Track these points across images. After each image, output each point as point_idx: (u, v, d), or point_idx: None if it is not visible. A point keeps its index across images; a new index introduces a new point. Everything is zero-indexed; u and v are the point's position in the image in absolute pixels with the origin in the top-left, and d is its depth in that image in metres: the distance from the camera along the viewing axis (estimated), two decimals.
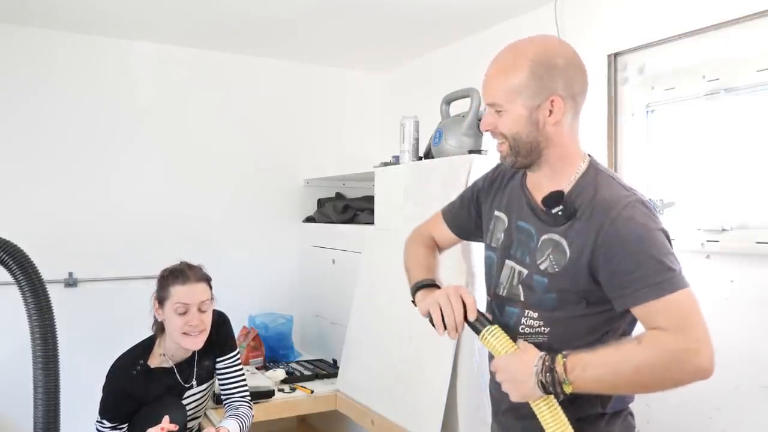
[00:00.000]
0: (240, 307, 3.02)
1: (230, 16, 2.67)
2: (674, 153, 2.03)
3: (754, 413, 1.74)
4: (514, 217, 1.37)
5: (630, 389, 1.18)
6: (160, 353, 1.95)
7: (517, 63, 1.24)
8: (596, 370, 1.13)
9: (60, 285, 2.84)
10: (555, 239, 1.25)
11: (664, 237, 1.19)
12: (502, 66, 1.27)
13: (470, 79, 2.49)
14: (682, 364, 1.10)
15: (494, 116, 1.28)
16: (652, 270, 1.13)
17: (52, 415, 0.79)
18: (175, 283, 1.89)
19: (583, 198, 1.24)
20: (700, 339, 1.10)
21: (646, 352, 1.11)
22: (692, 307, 1.13)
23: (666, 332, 1.11)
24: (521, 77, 1.22)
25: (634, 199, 1.20)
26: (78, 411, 2.05)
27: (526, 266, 1.31)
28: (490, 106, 1.28)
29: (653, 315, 1.13)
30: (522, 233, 1.33)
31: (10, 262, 0.77)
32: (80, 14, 2.65)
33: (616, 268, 1.16)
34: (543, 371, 1.15)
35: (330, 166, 3.44)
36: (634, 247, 1.15)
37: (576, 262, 1.21)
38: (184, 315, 1.86)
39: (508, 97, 1.24)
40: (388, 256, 2.41)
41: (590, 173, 1.28)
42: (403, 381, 2.12)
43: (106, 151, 2.96)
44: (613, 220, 1.17)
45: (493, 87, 1.27)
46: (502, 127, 1.27)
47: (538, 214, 1.30)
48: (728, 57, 1.84)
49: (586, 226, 1.21)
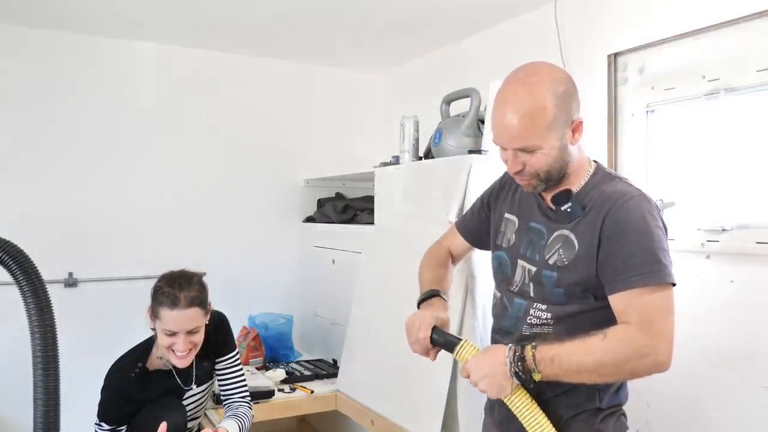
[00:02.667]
0: (240, 307, 3.02)
1: (230, 16, 2.67)
2: (674, 153, 2.02)
3: (754, 413, 1.74)
4: (525, 219, 1.43)
5: (590, 379, 1.24)
6: (158, 356, 1.95)
7: (539, 101, 1.24)
8: (563, 362, 1.21)
9: (60, 285, 2.84)
10: (565, 234, 1.32)
11: (663, 233, 1.25)
12: (523, 107, 1.25)
13: (470, 79, 2.49)
14: (641, 358, 1.19)
15: (522, 156, 1.28)
16: (645, 259, 1.20)
17: (52, 415, 0.79)
18: (164, 306, 1.81)
19: (591, 195, 1.31)
20: (662, 337, 1.19)
21: (609, 348, 1.19)
22: (665, 305, 1.21)
23: (630, 328, 1.20)
24: (550, 113, 1.24)
25: (638, 195, 1.27)
26: (78, 411, 2.05)
27: (535, 263, 1.36)
28: (521, 150, 1.28)
29: (631, 305, 1.21)
30: (533, 233, 1.39)
31: (10, 262, 0.77)
32: (81, 14, 2.64)
33: (613, 252, 1.23)
34: (515, 360, 1.24)
35: (330, 166, 3.44)
36: (633, 236, 1.22)
37: (584, 253, 1.27)
38: (172, 337, 1.84)
39: (543, 135, 1.25)
40: (388, 256, 2.41)
41: (598, 175, 1.35)
42: (403, 381, 2.12)
43: (106, 151, 2.96)
44: (618, 208, 1.24)
45: (523, 130, 1.25)
46: (534, 165, 1.29)
47: (549, 214, 1.36)
48: (728, 57, 1.84)
49: (594, 218, 1.27)
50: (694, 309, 1.87)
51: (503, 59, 2.66)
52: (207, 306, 1.91)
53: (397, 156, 2.53)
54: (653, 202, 1.28)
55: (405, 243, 2.24)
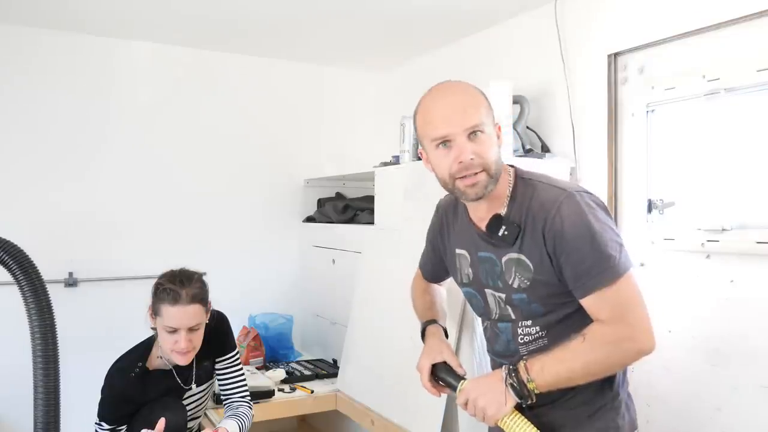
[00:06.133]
0: (240, 307, 3.03)
1: (230, 16, 2.67)
2: (674, 153, 2.02)
3: (754, 413, 1.74)
4: (473, 250, 1.43)
5: (584, 379, 1.27)
6: (158, 355, 1.95)
7: (474, 89, 1.33)
8: (552, 368, 1.24)
9: (60, 285, 2.84)
10: (514, 257, 1.33)
11: (602, 222, 1.25)
12: (464, 91, 1.33)
13: (470, 79, 2.47)
14: (623, 351, 1.23)
15: (471, 143, 1.27)
16: (594, 261, 1.22)
17: (52, 415, 0.79)
18: (166, 303, 1.82)
19: (521, 211, 1.31)
20: (636, 326, 1.22)
21: (590, 349, 1.23)
22: (630, 292, 1.23)
23: (605, 325, 1.23)
24: (485, 99, 1.32)
25: (564, 196, 1.27)
26: (78, 411, 2.05)
27: (502, 290, 1.38)
28: (471, 132, 1.27)
29: (598, 306, 1.24)
30: (486, 262, 1.40)
31: (10, 262, 0.77)
32: (81, 14, 2.64)
33: (564, 263, 1.25)
34: (510, 375, 1.27)
35: (330, 166, 3.44)
36: (575, 241, 1.23)
37: (540, 269, 1.29)
38: (174, 334, 1.84)
39: (486, 115, 1.29)
40: (388, 256, 2.41)
41: (519, 186, 1.35)
42: (403, 381, 2.12)
43: (107, 152, 2.96)
44: (552, 220, 1.25)
45: (470, 106, 1.28)
46: (484, 154, 1.28)
47: (490, 241, 1.37)
48: (728, 57, 1.84)
49: (533, 234, 1.29)
50: (694, 309, 1.87)
51: (503, 59, 2.67)
52: (207, 304, 1.92)
53: (397, 156, 2.53)
54: (579, 195, 1.27)
55: (405, 243, 2.24)
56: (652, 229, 2.04)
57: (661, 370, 1.94)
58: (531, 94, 2.37)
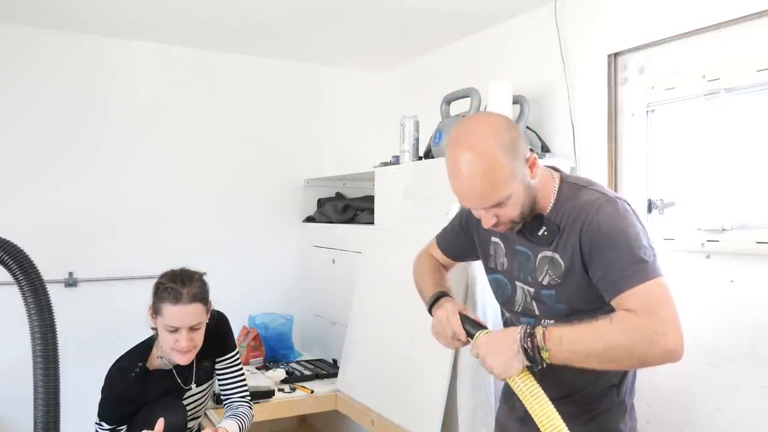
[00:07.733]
0: (240, 307, 3.03)
1: (230, 15, 2.66)
2: (674, 153, 2.02)
3: (754, 413, 1.74)
4: (510, 242, 1.45)
5: (601, 364, 1.23)
6: (159, 355, 1.95)
7: (491, 159, 1.25)
8: (571, 343, 1.21)
9: (60, 285, 2.83)
10: (548, 255, 1.36)
11: (638, 230, 1.27)
12: (479, 171, 1.25)
13: (470, 79, 2.49)
14: (650, 344, 1.16)
15: (495, 210, 1.30)
16: (626, 262, 1.22)
17: (52, 415, 0.79)
18: (167, 302, 1.82)
19: (562, 213, 1.34)
20: (667, 321, 1.17)
21: (616, 331, 1.18)
22: (662, 293, 1.21)
23: (635, 314, 1.19)
24: (506, 167, 1.25)
25: (605, 200, 1.30)
26: (78, 411, 2.05)
27: (531, 285, 1.41)
28: (493, 207, 1.29)
29: (628, 302, 1.21)
30: (521, 256, 1.43)
31: (10, 262, 0.77)
32: (81, 14, 2.64)
33: (597, 264, 1.26)
34: (525, 337, 1.24)
35: (330, 166, 3.44)
36: (610, 242, 1.24)
37: (571, 269, 1.31)
38: (175, 333, 1.84)
39: (507, 186, 1.27)
40: (388, 256, 2.41)
41: (564, 189, 1.37)
42: (403, 381, 2.12)
43: (107, 152, 2.96)
44: (590, 221, 1.27)
45: (487, 190, 1.26)
46: (508, 215, 1.31)
47: (528, 237, 1.39)
48: (728, 57, 1.84)
49: (570, 234, 1.31)
50: (694, 309, 1.87)
51: (503, 59, 2.67)
52: (208, 303, 1.92)
53: (397, 156, 2.53)
54: (620, 202, 1.31)
55: (405, 243, 2.24)
56: (652, 229, 2.03)
57: (662, 369, 1.94)
58: (531, 94, 2.37)
